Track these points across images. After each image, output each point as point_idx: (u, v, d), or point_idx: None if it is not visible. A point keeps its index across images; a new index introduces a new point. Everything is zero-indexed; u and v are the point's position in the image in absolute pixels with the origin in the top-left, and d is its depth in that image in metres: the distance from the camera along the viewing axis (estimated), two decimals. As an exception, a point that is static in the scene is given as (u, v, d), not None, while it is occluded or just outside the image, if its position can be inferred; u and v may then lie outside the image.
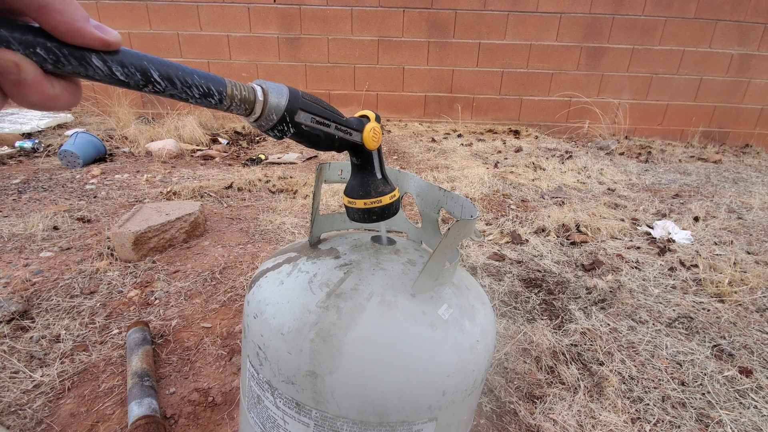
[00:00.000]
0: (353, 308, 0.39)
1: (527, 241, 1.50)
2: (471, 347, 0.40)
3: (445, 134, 3.12)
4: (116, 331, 0.99)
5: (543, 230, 1.58)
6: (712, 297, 1.20)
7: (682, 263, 1.38)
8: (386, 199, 0.43)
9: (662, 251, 1.45)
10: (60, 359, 0.89)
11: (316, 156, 2.54)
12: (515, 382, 0.89)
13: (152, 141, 2.51)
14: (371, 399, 0.36)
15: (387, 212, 0.44)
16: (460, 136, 3.11)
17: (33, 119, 2.75)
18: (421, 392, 0.37)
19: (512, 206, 1.82)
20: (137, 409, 0.74)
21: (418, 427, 0.38)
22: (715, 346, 1.01)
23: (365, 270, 0.43)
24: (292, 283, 0.42)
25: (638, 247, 1.49)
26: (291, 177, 2.10)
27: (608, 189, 2.11)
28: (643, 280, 1.28)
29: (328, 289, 0.41)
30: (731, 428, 0.79)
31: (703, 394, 0.87)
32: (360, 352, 0.36)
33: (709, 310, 1.15)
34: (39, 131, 2.67)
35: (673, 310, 1.14)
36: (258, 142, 2.86)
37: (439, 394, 0.38)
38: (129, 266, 1.26)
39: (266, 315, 0.40)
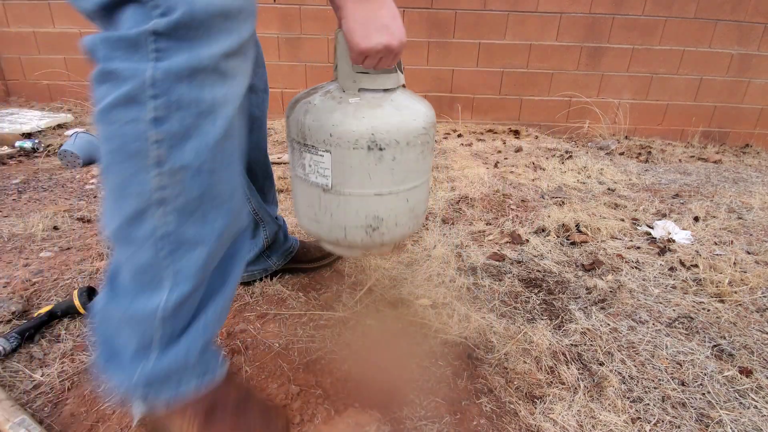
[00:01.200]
0: (323, 105, 0.72)
1: (527, 241, 1.50)
2: (355, 117, 0.69)
3: (445, 134, 3.12)
4: (116, 331, 0.99)
5: (543, 230, 1.58)
6: (712, 297, 1.20)
7: (682, 263, 1.38)
8: None
9: (662, 251, 1.45)
10: (60, 359, 0.89)
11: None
12: (515, 383, 0.89)
13: (152, 141, 2.50)
14: (315, 126, 0.70)
15: None
16: (460, 136, 3.11)
17: (33, 119, 2.75)
18: (320, 134, 0.70)
19: (512, 206, 1.82)
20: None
21: (321, 153, 0.70)
22: (715, 346, 1.01)
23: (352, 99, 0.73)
24: (319, 101, 0.73)
25: (638, 247, 1.49)
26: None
27: (608, 189, 2.11)
28: (643, 280, 1.28)
29: (310, 98, 0.74)
30: (731, 428, 0.79)
31: (703, 394, 0.87)
32: (314, 115, 0.70)
33: (709, 310, 1.15)
34: (39, 131, 2.67)
35: (673, 310, 1.14)
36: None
37: (328, 136, 0.69)
38: (129, 266, 1.26)
39: (308, 112, 0.72)
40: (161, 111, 0.48)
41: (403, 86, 0.80)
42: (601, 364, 0.95)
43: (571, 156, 2.67)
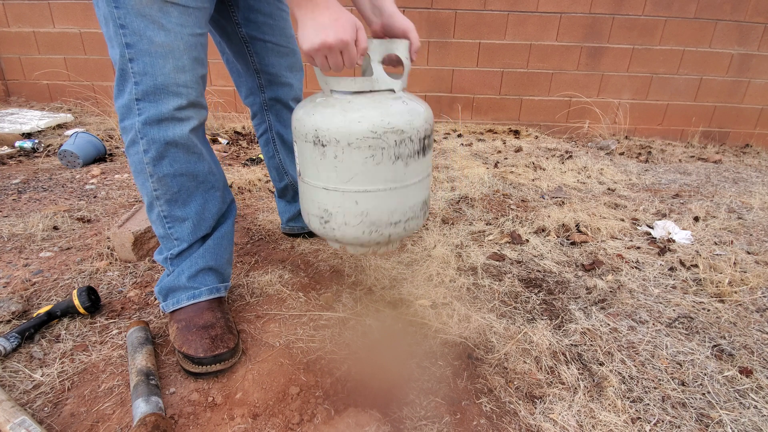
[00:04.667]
0: (302, 104, 0.84)
1: (527, 241, 1.50)
2: (308, 114, 0.78)
3: (445, 134, 3.12)
4: (116, 331, 0.99)
5: (543, 230, 1.58)
6: (712, 297, 1.20)
7: (682, 263, 1.38)
8: None
9: (662, 251, 1.45)
10: (60, 359, 0.89)
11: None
12: (515, 383, 0.89)
13: (152, 141, 2.50)
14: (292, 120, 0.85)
15: None
16: (460, 136, 3.12)
17: (33, 119, 2.75)
18: (307, 128, 0.78)
19: (512, 206, 1.82)
20: (145, 406, 0.74)
21: (295, 142, 0.83)
22: (715, 346, 1.01)
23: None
24: (303, 101, 0.84)
25: (638, 247, 1.49)
26: (291, 177, 2.09)
27: (608, 189, 2.11)
28: (643, 280, 1.28)
29: (312, 105, 0.81)
30: (731, 428, 0.79)
31: (703, 394, 0.87)
32: (295, 111, 0.83)
33: (709, 310, 1.15)
34: (39, 131, 2.67)
35: (673, 310, 1.14)
36: (258, 142, 2.85)
37: (294, 128, 0.81)
38: (129, 266, 1.26)
39: (297, 117, 0.82)
40: (146, 146, 0.83)
41: (392, 90, 0.80)
42: (601, 364, 0.95)
43: (571, 156, 2.67)
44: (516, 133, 3.24)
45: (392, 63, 0.93)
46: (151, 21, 0.76)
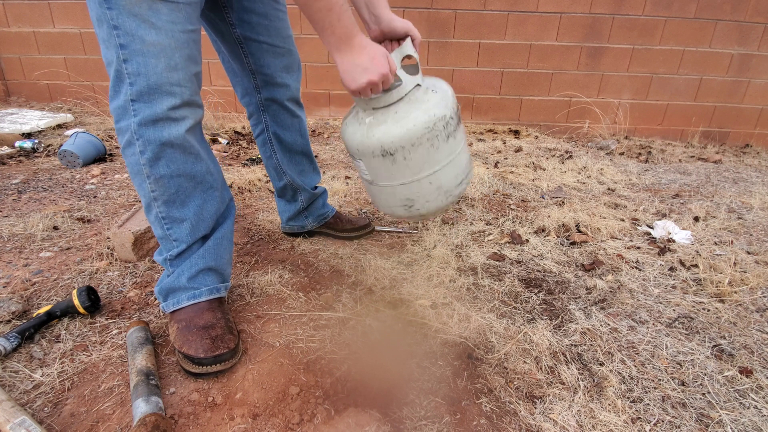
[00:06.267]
0: (351, 127, 0.93)
1: (527, 241, 1.50)
2: (368, 135, 0.87)
3: (445, 134, 3.12)
4: (116, 331, 0.99)
5: (543, 230, 1.58)
6: (712, 297, 1.20)
7: (682, 263, 1.38)
8: None
9: (662, 251, 1.45)
10: (60, 359, 0.89)
11: (316, 156, 2.53)
12: (515, 383, 0.89)
13: (152, 141, 2.50)
14: (349, 145, 0.93)
15: None
16: (460, 136, 3.11)
17: (33, 119, 2.75)
18: (352, 149, 0.92)
19: (512, 206, 1.82)
20: (145, 406, 0.74)
21: (358, 160, 0.92)
22: (715, 346, 1.01)
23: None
24: (350, 124, 0.94)
25: (638, 247, 1.49)
26: (291, 177, 2.09)
27: (608, 189, 2.11)
28: (643, 280, 1.28)
29: (357, 121, 0.92)
30: (731, 428, 0.79)
31: (703, 394, 0.87)
32: (348, 136, 0.92)
33: (709, 310, 1.15)
34: (39, 131, 2.67)
35: (673, 310, 1.14)
36: (255, 142, 2.85)
37: (356, 150, 0.90)
38: (129, 266, 1.26)
39: (344, 133, 0.94)
40: (142, 147, 0.83)
41: (418, 85, 0.91)
42: (601, 364, 0.95)
43: (571, 156, 2.67)
44: (516, 133, 3.24)
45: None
46: (142, 20, 0.75)
